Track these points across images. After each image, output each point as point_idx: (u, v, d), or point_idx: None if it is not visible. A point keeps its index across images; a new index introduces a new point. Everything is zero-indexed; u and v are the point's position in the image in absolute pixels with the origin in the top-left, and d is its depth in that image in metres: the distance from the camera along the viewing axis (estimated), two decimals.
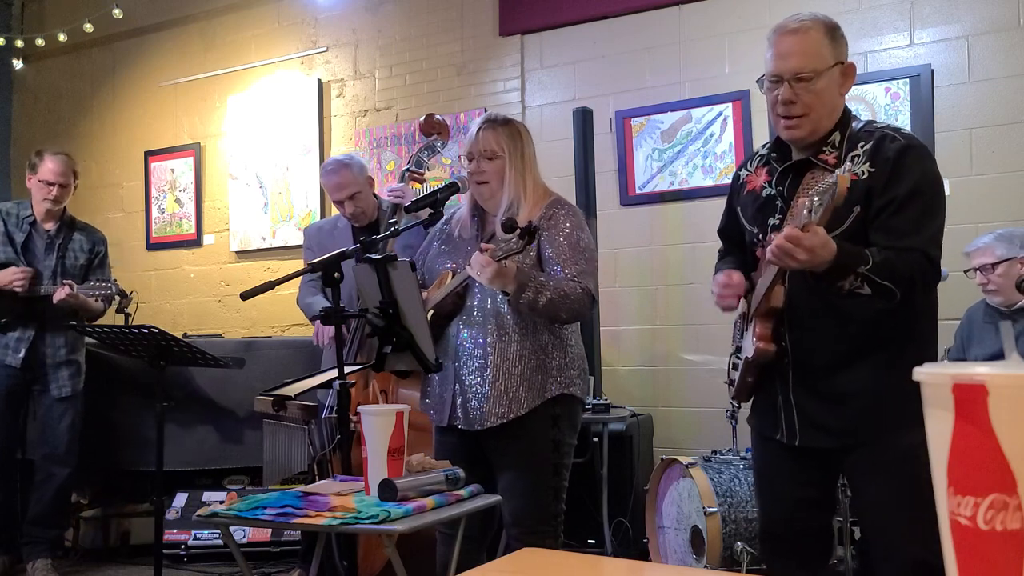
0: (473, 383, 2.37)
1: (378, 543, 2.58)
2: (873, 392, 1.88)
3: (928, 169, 1.86)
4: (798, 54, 1.88)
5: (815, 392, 1.93)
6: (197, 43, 5.84)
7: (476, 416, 2.36)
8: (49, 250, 3.87)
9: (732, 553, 3.19)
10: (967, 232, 3.70)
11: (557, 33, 4.71)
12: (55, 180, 3.85)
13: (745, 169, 2.16)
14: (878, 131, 1.89)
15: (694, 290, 4.24)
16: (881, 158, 1.84)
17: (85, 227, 4.05)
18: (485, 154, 2.41)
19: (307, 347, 4.21)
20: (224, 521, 1.90)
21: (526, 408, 2.33)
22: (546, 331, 2.37)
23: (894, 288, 1.77)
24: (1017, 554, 0.54)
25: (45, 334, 3.82)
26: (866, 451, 1.90)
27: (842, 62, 1.92)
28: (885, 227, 1.81)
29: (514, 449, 2.36)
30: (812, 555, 2.06)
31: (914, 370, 0.59)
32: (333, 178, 3.36)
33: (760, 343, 1.93)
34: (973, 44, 3.82)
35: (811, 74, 1.87)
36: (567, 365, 2.39)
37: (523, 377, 2.34)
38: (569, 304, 2.28)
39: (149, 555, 3.79)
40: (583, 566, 1.40)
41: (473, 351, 2.38)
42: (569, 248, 2.35)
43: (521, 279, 2.21)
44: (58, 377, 3.85)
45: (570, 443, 2.43)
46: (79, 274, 3.86)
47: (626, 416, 3.89)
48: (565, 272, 2.32)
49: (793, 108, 1.89)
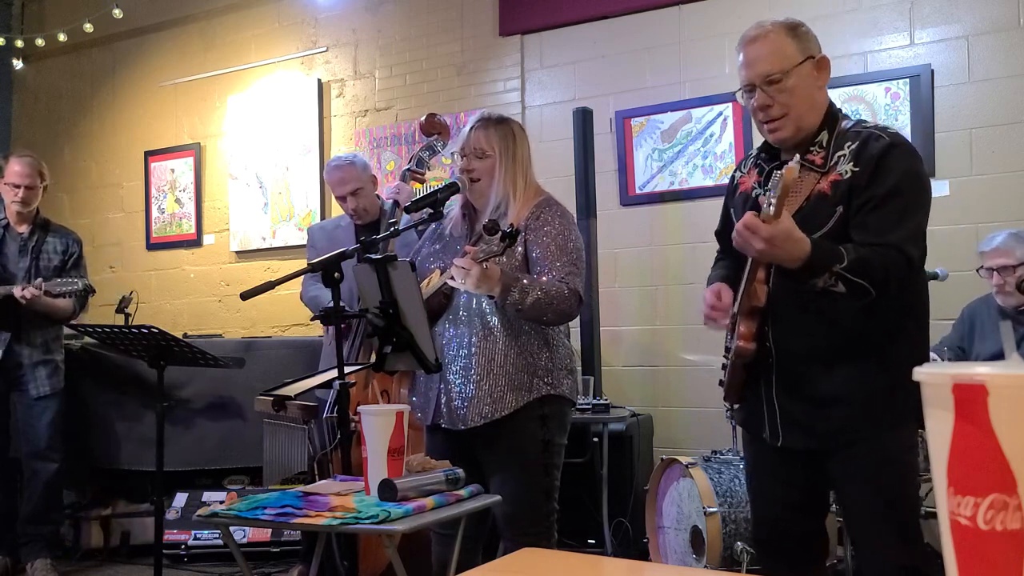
0: (457, 382, 2.36)
1: (378, 543, 2.58)
2: (857, 394, 1.87)
3: (911, 168, 1.85)
4: (763, 58, 1.91)
5: (798, 393, 1.92)
6: (197, 43, 5.84)
7: (459, 416, 2.36)
8: (23, 253, 3.87)
9: (732, 553, 3.19)
10: (967, 232, 3.70)
11: (557, 33, 4.71)
12: (20, 182, 3.85)
13: (739, 171, 2.18)
14: (865, 131, 1.89)
15: (694, 290, 4.23)
16: (865, 157, 1.84)
17: (59, 229, 4.05)
18: (475, 153, 2.42)
19: (307, 347, 4.21)
20: (224, 521, 1.90)
21: (511, 408, 2.31)
22: (532, 332, 2.36)
23: (868, 286, 1.75)
24: (1017, 554, 0.54)
25: (21, 335, 3.82)
26: (849, 454, 1.89)
27: (812, 56, 1.92)
28: (863, 224, 1.81)
29: (502, 450, 2.35)
30: (801, 558, 2.05)
31: (914, 370, 0.59)
32: (336, 174, 3.43)
33: (740, 342, 1.92)
34: (973, 44, 3.82)
35: (780, 74, 1.89)
36: (555, 366, 2.37)
37: (508, 377, 2.32)
38: (555, 305, 2.26)
39: (149, 555, 3.79)
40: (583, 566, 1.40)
41: (458, 351, 2.37)
42: (556, 248, 2.33)
43: (506, 281, 2.20)
44: (36, 377, 3.85)
45: (560, 443, 2.40)
46: (53, 275, 3.85)
47: (626, 416, 3.89)
48: (552, 273, 2.30)
49: (771, 111, 1.92)
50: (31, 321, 3.82)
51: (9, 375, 3.83)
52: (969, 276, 3.43)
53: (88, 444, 4.24)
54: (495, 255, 2.16)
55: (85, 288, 3.73)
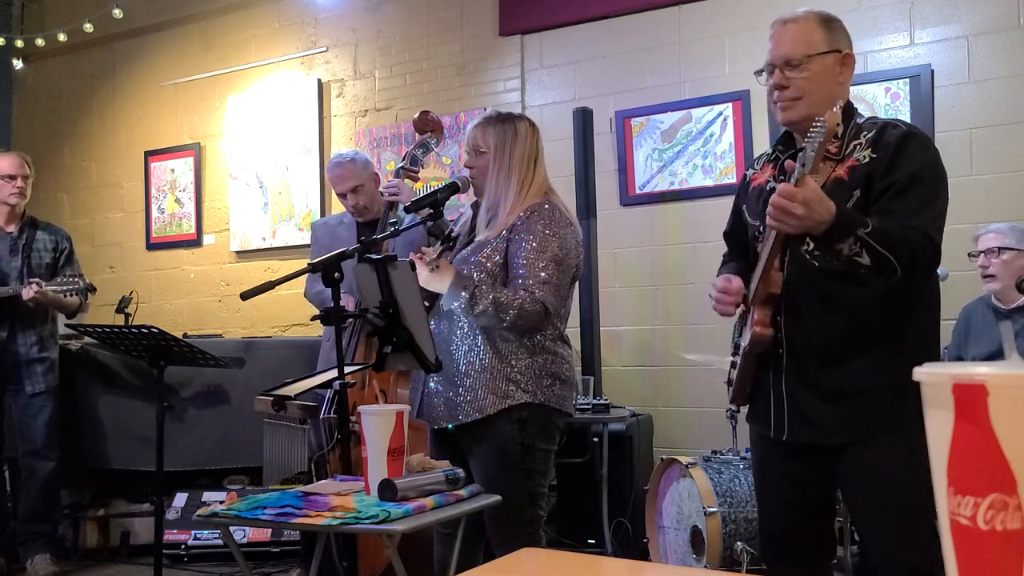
0: (437, 382, 2.35)
1: (378, 543, 2.58)
2: (868, 389, 1.85)
3: (929, 157, 1.85)
4: (789, 41, 1.93)
5: (808, 384, 1.90)
6: (197, 43, 5.84)
7: (434, 415, 2.35)
8: (13, 252, 3.87)
9: (732, 553, 3.19)
10: (967, 232, 3.69)
11: (557, 33, 4.71)
12: (16, 172, 3.85)
13: (752, 168, 2.17)
14: (881, 121, 1.91)
15: (694, 290, 4.24)
16: (883, 144, 1.83)
17: (48, 226, 4.05)
18: (474, 150, 2.41)
19: (307, 347, 4.21)
20: (224, 521, 1.90)
21: (485, 412, 2.26)
22: (512, 338, 2.28)
23: (893, 260, 1.72)
24: (1017, 554, 0.54)
25: (16, 334, 3.82)
26: (859, 452, 1.86)
27: (839, 51, 1.93)
28: (885, 210, 1.79)
29: (482, 452, 2.30)
30: (809, 557, 2.03)
31: (914, 370, 0.59)
32: (337, 171, 3.45)
33: (757, 327, 1.91)
34: (973, 44, 3.82)
35: (801, 59, 1.90)
36: (537, 375, 2.28)
37: (486, 381, 2.26)
38: (511, 316, 2.18)
39: (149, 555, 3.79)
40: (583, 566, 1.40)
41: (439, 350, 2.36)
42: (535, 254, 2.25)
43: (458, 284, 2.17)
44: (31, 374, 3.85)
45: (543, 448, 2.31)
46: (46, 273, 3.85)
47: (626, 416, 3.89)
48: (522, 283, 2.24)
49: (785, 92, 1.93)
50: (27, 318, 3.82)
51: (5, 373, 3.82)
52: (969, 276, 3.43)
53: (88, 444, 4.24)
54: (437, 256, 2.15)
55: (87, 287, 3.73)
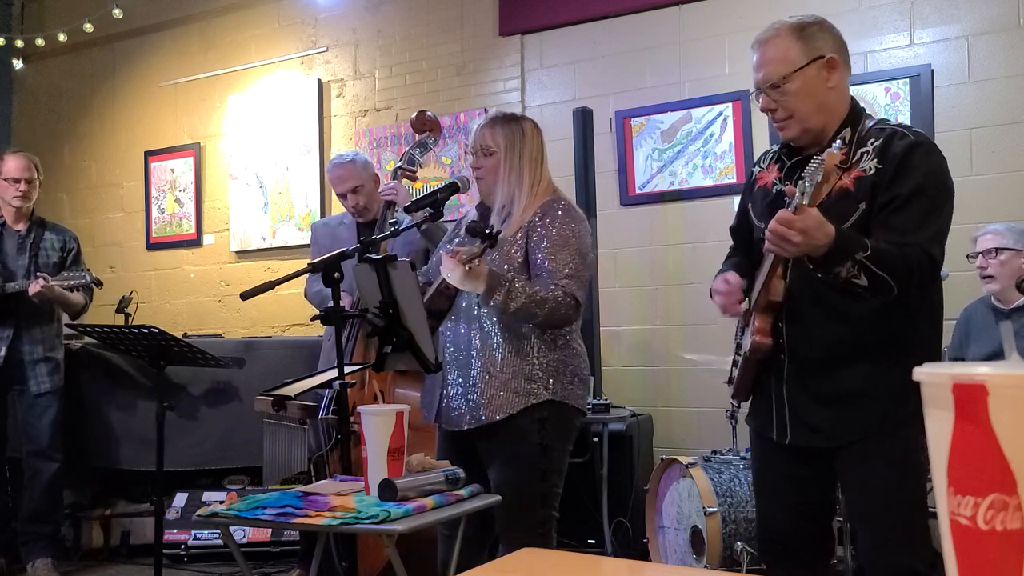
0: (457, 383, 2.34)
1: (378, 543, 2.57)
2: (868, 393, 1.86)
3: (935, 167, 1.85)
4: (766, 63, 1.94)
5: (809, 390, 1.92)
6: (197, 43, 5.84)
7: (455, 417, 2.34)
8: (21, 251, 3.87)
9: (732, 553, 3.19)
10: (967, 232, 3.69)
11: (557, 33, 4.71)
12: (21, 175, 3.85)
13: (758, 166, 2.17)
14: (889, 128, 1.90)
15: (694, 290, 4.24)
16: (889, 155, 1.83)
17: (55, 226, 4.06)
18: (482, 150, 2.40)
19: (307, 347, 4.21)
20: (224, 521, 1.90)
21: (507, 412, 2.26)
22: (534, 336, 2.29)
23: (890, 281, 1.74)
24: (1017, 554, 0.54)
25: (22, 333, 3.83)
26: (856, 454, 1.88)
27: (821, 56, 1.92)
28: (887, 224, 1.80)
29: (499, 452, 2.31)
30: (810, 558, 2.04)
31: (914, 370, 0.59)
32: (337, 171, 3.45)
33: (757, 336, 1.92)
34: (973, 44, 3.82)
35: (780, 80, 1.91)
36: (558, 372, 2.30)
37: (506, 381, 2.27)
38: (546, 311, 2.20)
39: (149, 555, 3.79)
40: (583, 566, 1.40)
41: (455, 352, 2.36)
42: (557, 249, 2.27)
43: (491, 283, 2.15)
44: (37, 374, 3.85)
45: (561, 448, 2.32)
46: (53, 272, 3.85)
47: (626, 416, 3.89)
48: (549, 278, 2.24)
49: (776, 114, 1.95)
50: (32, 318, 3.82)
51: (10, 372, 3.82)
52: (969, 276, 3.43)
53: (88, 444, 4.24)
54: (476, 256, 2.10)
55: (93, 281, 3.74)
